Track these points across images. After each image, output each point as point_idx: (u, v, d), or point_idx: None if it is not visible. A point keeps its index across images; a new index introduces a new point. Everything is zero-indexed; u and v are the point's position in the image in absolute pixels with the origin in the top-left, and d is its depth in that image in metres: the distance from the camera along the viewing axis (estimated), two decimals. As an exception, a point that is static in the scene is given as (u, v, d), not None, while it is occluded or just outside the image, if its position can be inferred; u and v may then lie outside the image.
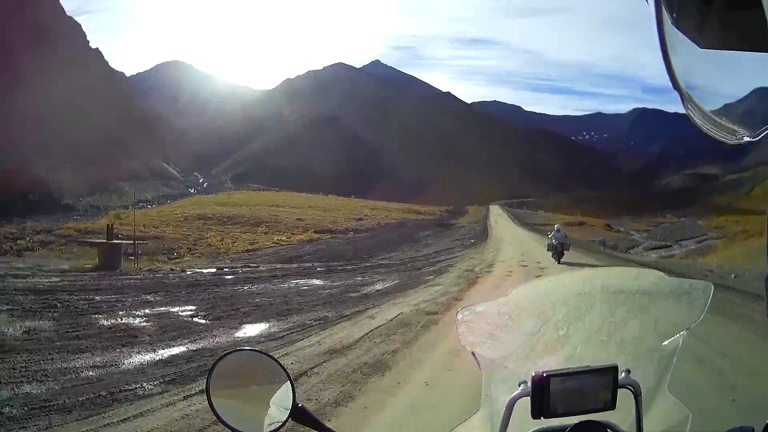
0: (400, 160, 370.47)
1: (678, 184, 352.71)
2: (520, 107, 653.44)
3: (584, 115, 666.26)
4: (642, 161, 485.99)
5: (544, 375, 1.73)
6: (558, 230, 36.52)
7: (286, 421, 2.00)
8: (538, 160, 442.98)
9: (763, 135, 1.11)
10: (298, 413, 2.00)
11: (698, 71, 1.13)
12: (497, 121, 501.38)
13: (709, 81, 1.15)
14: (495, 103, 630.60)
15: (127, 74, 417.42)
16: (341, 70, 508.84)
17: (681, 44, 1.09)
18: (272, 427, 2.01)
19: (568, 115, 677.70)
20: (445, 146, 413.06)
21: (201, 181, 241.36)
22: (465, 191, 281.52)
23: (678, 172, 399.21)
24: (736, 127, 1.14)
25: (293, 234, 52.64)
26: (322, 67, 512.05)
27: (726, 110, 1.15)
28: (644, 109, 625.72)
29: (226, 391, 2.08)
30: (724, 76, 0.83)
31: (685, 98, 1.12)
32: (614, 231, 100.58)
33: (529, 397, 1.75)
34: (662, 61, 1.07)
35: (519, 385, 1.81)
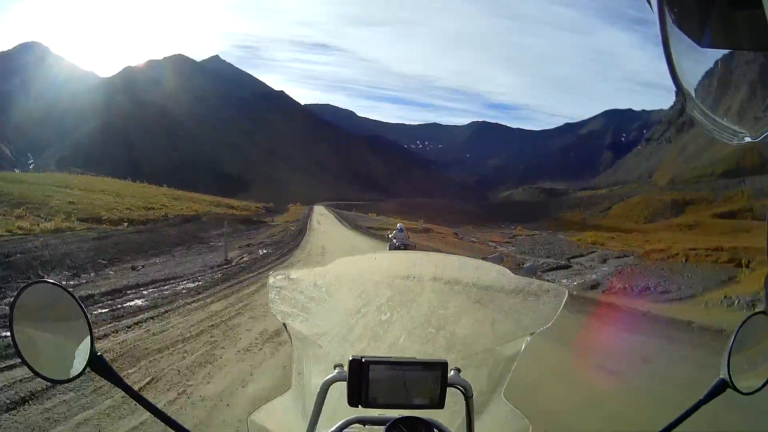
0: (226, 155, 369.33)
1: (522, 196, 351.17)
2: (353, 112, 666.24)
3: (420, 125, 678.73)
4: (479, 173, 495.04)
5: (363, 360, 1.65)
6: (401, 230, 33.24)
7: (84, 370, 1.81)
8: (370, 166, 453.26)
9: (763, 135, 1.09)
10: (96, 362, 1.83)
11: (701, 72, 1.10)
12: (329, 123, 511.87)
13: (710, 82, 1.13)
14: (328, 107, 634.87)
15: None
16: (179, 61, 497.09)
17: (683, 44, 1.07)
18: (73, 374, 1.82)
19: (403, 124, 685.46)
20: (273, 145, 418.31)
21: (30, 162, 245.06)
22: (291, 191, 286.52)
23: (518, 185, 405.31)
24: (737, 128, 1.12)
25: (46, 221, 37.42)
26: (162, 57, 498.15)
27: (727, 110, 1.12)
28: (483, 123, 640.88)
29: (31, 328, 1.84)
30: (727, 77, 0.99)
31: (687, 99, 1.10)
32: (467, 242, 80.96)
33: (345, 382, 1.68)
34: (665, 62, 1.06)
35: (334, 367, 1.75)
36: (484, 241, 78.40)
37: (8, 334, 3.93)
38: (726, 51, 1.12)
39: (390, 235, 34.22)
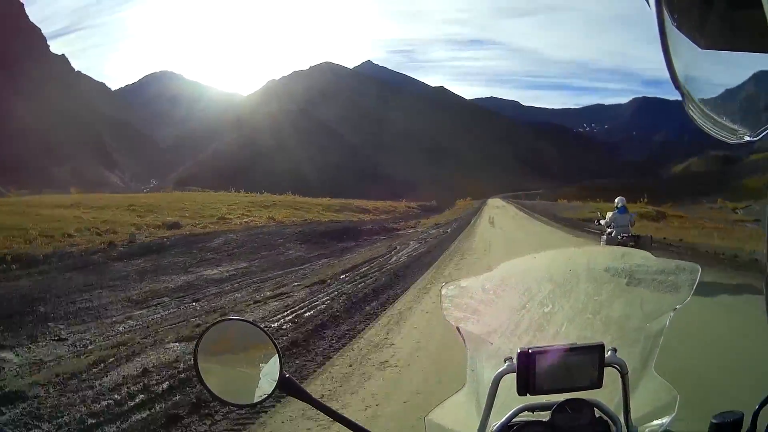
0: (385, 158, 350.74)
1: (699, 167, 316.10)
2: (518, 102, 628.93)
3: (584, 108, 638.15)
4: (646, 149, 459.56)
5: (530, 351, 1.73)
6: (622, 209, 19.66)
7: (273, 392, 1.96)
8: (540, 153, 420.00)
9: (763, 134, 1.10)
10: (285, 384, 1.95)
11: (699, 71, 1.14)
12: (495, 114, 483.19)
13: (709, 81, 1.16)
14: (492, 99, 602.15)
15: (113, 87, 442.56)
16: (328, 69, 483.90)
17: (682, 44, 1.08)
18: (260, 398, 1.99)
19: (568, 108, 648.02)
20: (438, 143, 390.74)
21: (154, 183, 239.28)
22: (459, 187, 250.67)
23: (687, 158, 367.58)
24: (736, 127, 1.14)
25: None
26: (308, 67, 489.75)
27: (726, 110, 1.15)
28: (645, 99, 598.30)
29: (214, 361, 2.00)
30: (725, 76, 0.99)
31: (686, 98, 1.12)
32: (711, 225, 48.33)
33: (514, 374, 1.76)
34: (663, 61, 1.07)
35: (504, 361, 1.82)
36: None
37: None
38: (725, 52, 1.12)
39: (602, 221, 20.64)
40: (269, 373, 1.93)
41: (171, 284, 20.71)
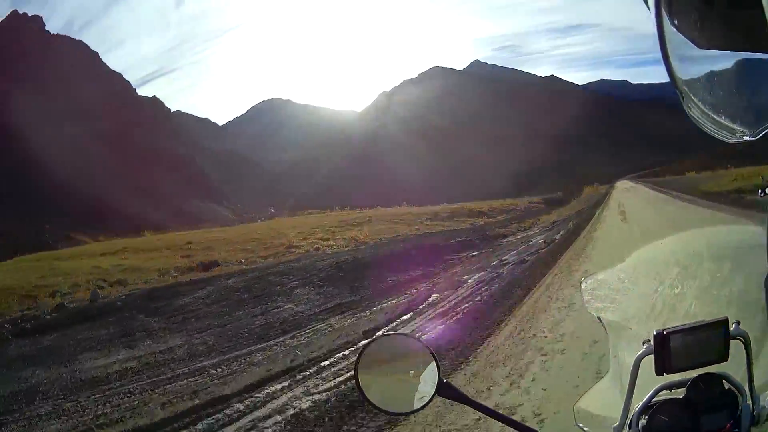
0: (509, 155, 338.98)
1: None
2: (626, 81, 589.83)
3: None
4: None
5: (665, 333, 1.74)
6: None
7: (433, 397, 2.00)
8: (655, 128, 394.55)
9: (762, 134, 1.12)
10: (444, 389, 1.99)
11: (698, 71, 1.15)
12: (607, 97, 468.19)
13: (708, 80, 1.17)
14: (601, 82, 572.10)
15: (220, 122, 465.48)
16: (438, 73, 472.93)
17: (681, 44, 1.09)
18: (420, 404, 2.04)
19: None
20: (558, 132, 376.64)
21: (272, 211, 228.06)
22: (585, 173, 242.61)
23: None
24: (735, 126, 1.15)
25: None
26: (417, 75, 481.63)
27: (726, 109, 1.16)
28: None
29: (373, 375, 2.10)
30: (724, 76, 1.02)
31: (685, 98, 1.14)
32: None
33: (652, 356, 1.77)
34: (662, 61, 1.07)
35: (643, 344, 1.82)
36: None
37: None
38: (725, 52, 1.14)
39: None
40: (428, 380, 1.98)
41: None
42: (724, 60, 1.14)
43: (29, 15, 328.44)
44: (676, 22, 1.05)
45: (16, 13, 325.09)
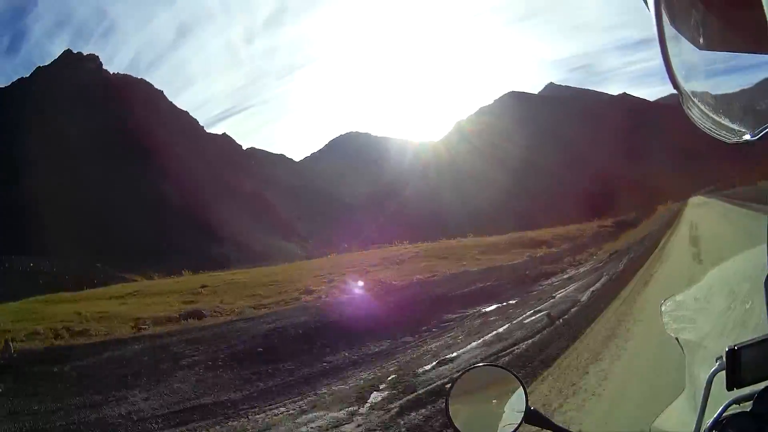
0: (583, 177, 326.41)
1: None
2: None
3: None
4: None
5: (735, 347, 1.72)
6: None
7: (520, 424, 2.03)
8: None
9: (762, 134, 1.09)
10: (531, 416, 2.03)
11: (698, 71, 1.15)
12: (678, 109, 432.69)
13: (708, 81, 1.17)
14: (673, 96, 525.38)
15: (297, 158, 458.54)
16: (514, 98, 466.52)
17: (681, 44, 1.09)
18: (508, 431, 2.05)
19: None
20: (628, 147, 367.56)
21: (345, 246, 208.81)
22: (662, 190, 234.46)
23: None
24: (735, 126, 1.14)
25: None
26: (492, 101, 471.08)
27: (726, 109, 1.15)
28: None
29: (463, 405, 2.14)
30: (724, 76, 1.19)
31: (685, 98, 1.14)
32: None
33: (724, 371, 1.75)
34: (662, 62, 1.07)
35: (716, 361, 1.82)
36: None
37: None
38: (724, 52, 1.15)
39: None
40: (515, 408, 2.02)
41: None
42: (724, 60, 1.14)
43: (84, 54, 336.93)
44: (676, 22, 1.05)
45: (70, 53, 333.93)
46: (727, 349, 1.66)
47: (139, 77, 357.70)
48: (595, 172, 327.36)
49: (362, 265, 47.32)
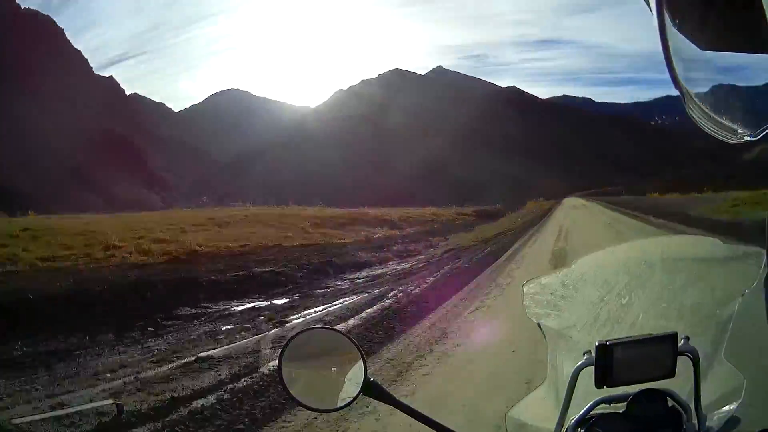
0: (456, 161, 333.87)
1: None
2: (590, 99, 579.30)
3: (654, 100, 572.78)
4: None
5: (608, 344, 1.70)
6: None
7: (358, 396, 1.96)
8: (615, 147, 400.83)
9: (763, 134, 1.11)
10: (370, 388, 1.95)
11: (699, 71, 1.14)
12: (568, 110, 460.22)
13: (709, 81, 1.16)
14: (565, 98, 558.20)
15: (176, 109, 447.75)
16: (398, 76, 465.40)
17: (682, 44, 1.08)
18: (344, 402, 2.01)
19: (639, 102, 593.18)
20: (509, 141, 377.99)
21: (206, 200, 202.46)
22: (534, 186, 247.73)
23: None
24: (736, 127, 1.14)
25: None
26: (376, 75, 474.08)
27: (727, 110, 1.14)
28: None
29: (298, 369, 2.05)
30: (725, 76, 1.21)
31: (686, 98, 1.12)
32: None
33: (593, 367, 1.73)
34: (663, 61, 1.07)
35: (583, 354, 1.78)
36: None
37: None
38: (725, 52, 1.15)
39: None
40: (354, 378, 1.95)
41: None
42: (725, 60, 1.14)
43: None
44: (677, 22, 1.05)
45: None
46: (597, 344, 1.67)
47: (47, 14, 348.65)
48: (469, 160, 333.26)
49: (186, 224, 44.73)
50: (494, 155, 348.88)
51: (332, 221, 54.66)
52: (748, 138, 1.10)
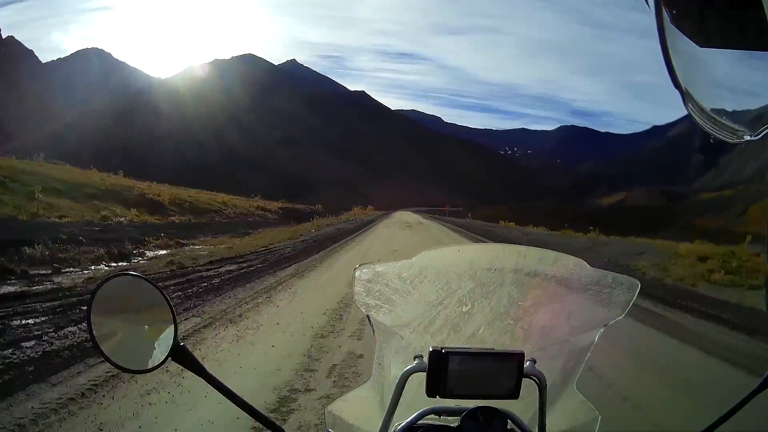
0: (288, 155, 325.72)
1: (638, 200, 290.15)
2: (439, 118, 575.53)
3: (508, 130, 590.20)
4: (571, 178, 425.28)
5: (443, 351, 1.60)
6: None
7: (165, 360, 1.83)
8: (460, 168, 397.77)
9: (763, 134, 1.10)
10: (178, 353, 1.83)
11: (699, 70, 1.12)
12: (414, 122, 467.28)
13: (710, 80, 1.15)
14: (413, 113, 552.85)
15: (44, 60, 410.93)
16: (250, 61, 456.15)
17: (681, 43, 1.07)
18: (152, 364, 1.85)
19: (490, 129, 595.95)
20: (348, 145, 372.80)
21: (41, 156, 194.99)
22: (366, 193, 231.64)
23: (612, 191, 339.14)
24: (736, 126, 1.12)
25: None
26: (229, 57, 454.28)
27: (726, 109, 1.13)
28: (572, 127, 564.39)
29: (109, 320, 1.88)
30: (725, 76, 1.19)
31: (686, 97, 1.11)
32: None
33: (424, 373, 1.63)
34: (663, 61, 1.05)
35: (414, 358, 1.69)
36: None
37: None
38: (725, 51, 1.12)
39: None
40: (164, 339, 1.82)
41: None
42: (724, 59, 1.12)
43: None
44: (676, 21, 1.04)
45: None
46: (432, 349, 1.57)
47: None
48: (303, 156, 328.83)
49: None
50: (332, 156, 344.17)
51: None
52: (748, 137, 1.09)
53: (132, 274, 1.90)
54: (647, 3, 1.04)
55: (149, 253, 27.01)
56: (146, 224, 40.82)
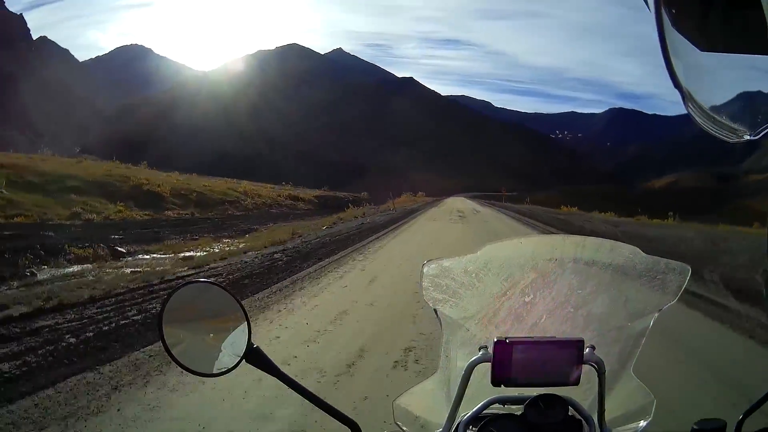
0: (335, 143, 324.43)
1: (688, 182, 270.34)
2: (489, 102, 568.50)
3: (557, 114, 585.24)
4: (619, 161, 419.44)
5: (507, 341, 1.64)
6: None
7: (239, 363, 1.90)
8: (511, 153, 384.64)
9: (763, 133, 1.12)
10: (252, 355, 1.89)
11: (699, 71, 1.14)
12: (464, 108, 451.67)
13: (709, 80, 1.17)
14: (463, 98, 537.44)
15: (81, 59, 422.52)
16: (295, 50, 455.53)
17: (682, 45, 1.09)
18: (224, 369, 1.92)
19: (540, 113, 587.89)
20: (397, 131, 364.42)
21: (77, 150, 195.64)
22: (415, 180, 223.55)
23: (662, 174, 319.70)
24: (736, 126, 1.14)
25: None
26: (273, 48, 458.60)
27: (727, 109, 1.15)
28: (621, 109, 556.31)
29: (180, 326, 1.94)
30: (725, 76, 1.22)
31: (686, 97, 1.12)
32: None
33: (489, 363, 1.67)
34: (663, 61, 1.07)
35: (479, 349, 1.72)
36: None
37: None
38: (725, 52, 1.14)
39: None
40: (237, 343, 1.87)
41: None
42: (725, 60, 1.13)
43: None
44: (676, 22, 1.05)
45: None
46: (496, 340, 1.61)
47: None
48: (350, 144, 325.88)
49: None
50: (380, 143, 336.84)
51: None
52: (748, 137, 1.11)
53: (202, 281, 2.08)
54: (647, 3, 1.06)
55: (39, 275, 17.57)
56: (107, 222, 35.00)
